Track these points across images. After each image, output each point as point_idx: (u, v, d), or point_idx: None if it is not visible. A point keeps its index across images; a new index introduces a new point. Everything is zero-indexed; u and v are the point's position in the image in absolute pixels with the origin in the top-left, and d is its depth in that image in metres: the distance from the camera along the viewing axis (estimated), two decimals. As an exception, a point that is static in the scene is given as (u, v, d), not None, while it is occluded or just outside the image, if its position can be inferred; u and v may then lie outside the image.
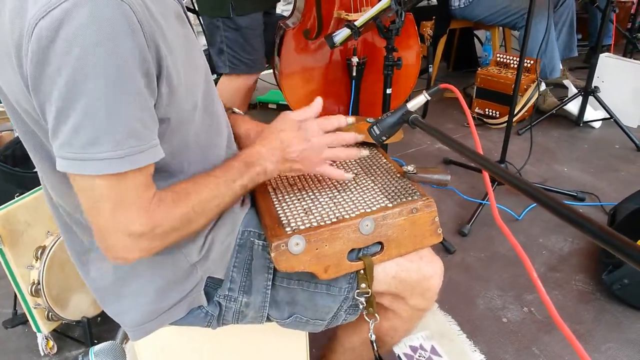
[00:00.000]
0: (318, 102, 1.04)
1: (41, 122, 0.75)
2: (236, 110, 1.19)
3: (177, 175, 0.89)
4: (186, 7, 1.06)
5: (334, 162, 1.09)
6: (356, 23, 1.89)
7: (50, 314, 1.53)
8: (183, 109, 0.84)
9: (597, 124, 3.16)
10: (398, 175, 1.08)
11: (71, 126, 0.70)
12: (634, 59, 3.40)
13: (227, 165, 0.91)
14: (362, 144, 1.23)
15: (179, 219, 0.82)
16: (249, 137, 1.12)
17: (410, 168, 1.04)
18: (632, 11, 4.19)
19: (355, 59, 2.42)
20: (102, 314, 1.67)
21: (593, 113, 3.15)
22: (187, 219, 0.83)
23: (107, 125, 0.70)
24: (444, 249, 2.08)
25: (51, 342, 1.62)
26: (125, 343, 1.37)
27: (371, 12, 1.85)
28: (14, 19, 0.69)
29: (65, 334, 1.68)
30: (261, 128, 1.12)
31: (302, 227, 0.92)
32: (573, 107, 3.17)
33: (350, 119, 1.03)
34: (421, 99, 1.00)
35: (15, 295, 1.59)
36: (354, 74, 2.47)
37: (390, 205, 0.97)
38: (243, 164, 0.91)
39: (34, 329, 1.58)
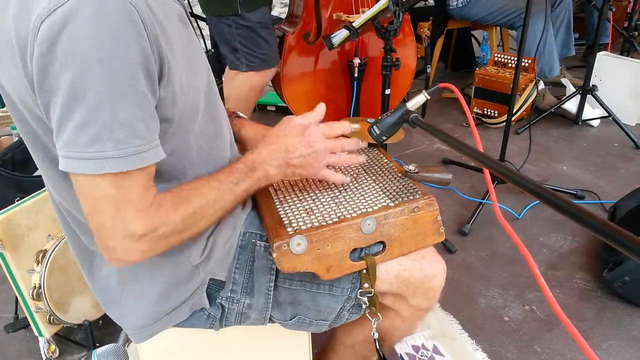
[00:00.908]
0: (321, 108, 1.03)
1: (45, 120, 0.75)
2: (240, 114, 1.20)
3: (179, 176, 0.89)
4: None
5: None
6: (354, 24, 1.90)
7: (51, 317, 1.53)
8: (185, 110, 0.84)
9: (595, 123, 3.17)
10: (399, 174, 1.08)
11: (75, 125, 0.70)
12: (631, 57, 3.42)
13: (230, 169, 0.91)
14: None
15: (179, 221, 0.82)
16: (253, 140, 1.12)
17: (411, 167, 1.04)
18: (629, 10, 4.20)
19: (357, 60, 2.43)
20: (104, 317, 1.67)
21: (591, 111, 3.16)
22: (188, 222, 0.83)
23: (111, 124, 0.70)
24: (444, 249, 2.09)
25: (53, 346, 1.62)
26: (128, 345, 1.37)
27: (369, 12, 1.85)
28: (19, 19, 0.70)
29: (67, 337, 1.68)
30: (266, 131, 1.11)
31: (303, 227, 0.92)
32: (571, 105, 3.18)
33: (355, 125, 1.04)
34: (421, 99, 1.00)
35: (17, 300, 1.59)
36: (356, 75, 2.47)
37: (392, 204, 0.97)
38: (246, 168, 0.91)
39: (36, 333, 1.58)
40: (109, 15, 0.67)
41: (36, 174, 1.90)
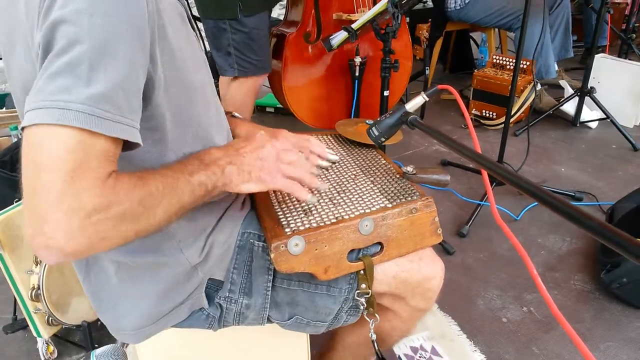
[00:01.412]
0: None
1: None
2: (235, 114, 1.20)
3: None
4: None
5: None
6: (353, 26, 1.91)
7: (50, 318, 1.53)
8: (183, 105, 0.84)
9: (593, 124, 3.18)
10: (397, 176, 1.09)
11: (49, 74, 0.65)
12: (629, 59, 3.43)
13: (184, 162, 0.84)
14: (361, 145, 1.25)
15: (136, 201, 0.71)
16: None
17: (409, 169, 1.05)
18: (627, 12, 4.22)
19: (358, 59, 2.43)
20: (103, 318, 1.67)
21: (589, 113, 3.17)
22: (144, 206, 0.72)
23: (87, 79, 0.65)
24: (443, 250, 2.09)
25: (51, 347, 1.62)
26: (126, 346, 1.37)
27: (368, 14, 1.86)
28: (29, 2, 0.70)
29: (65, 338, 1.68)
30: (260, 129, 1.10)
31: (301, 228, 0.92)
32: (569, 107, 3.19)
33: (334, 157, 1.08)
34: (419, 100, 1.01)
35: (15, 300, 1.59)
36: (357, 74, 2.48)
37: (390, 205, 0.98)
38: (199, 161, 0.84)
39: (34, 334, 1.57)
40: None
41: (35, 174, 1.90)
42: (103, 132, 0.66)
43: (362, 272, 0.98)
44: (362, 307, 1.02)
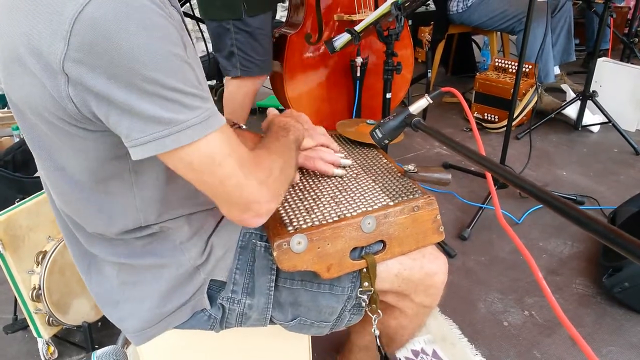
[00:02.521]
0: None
1: (55, 121, 0.73)
2: (242, 126, 1.22)
3: (176, 180, 0.88)
4: (184, 12, 1.06)
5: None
6: (356, 28, 1.90)
7: (51, 319, 1.53)
8: None
9: (595, 128, 3.18)
10: (399, 174, 1.09)
11: (152, 106, 0.69)
12: (632, 63, 3.43)
13: (273, 130, 1.01)
14: (363, 145, 1.25)
15: (278, 163, 0.87)
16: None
17: (411, 167, 1.05)
18: (629, 16, 4.22)
19: (359, 59, 2.43)
20: (103, 319, 1.67)
21: (591, 117, 3.17)
22: (281, 165, 0.88)
23: (183, 93, 0.70)
24: (444, 253, 2.08)
25: (52, 348, 1.62)
26: (127, 347, 1.37)
27: (371, 17, 1.86)
28: (33, 26, 0.67)
29: (66, 339, 1.68)
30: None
31: (304, 226, 0.92)
32: (571, 111, 3.19)
33: (347, 161, 1.16)
34: (423, 102, 1.01)
35: (16, 300, 1.59)
36: (358, 74, 2.48)
37: (392, 203, 0.98)
38: (281, 128, 1.00)
39: (35, 334, 1.57)
40: (139, 6, 0.66)
41: (37, 174, 1.90)
42: (223, 123, 0.76)
43: (364, 270, 0.99)
44: (364, 304, 1.03)
